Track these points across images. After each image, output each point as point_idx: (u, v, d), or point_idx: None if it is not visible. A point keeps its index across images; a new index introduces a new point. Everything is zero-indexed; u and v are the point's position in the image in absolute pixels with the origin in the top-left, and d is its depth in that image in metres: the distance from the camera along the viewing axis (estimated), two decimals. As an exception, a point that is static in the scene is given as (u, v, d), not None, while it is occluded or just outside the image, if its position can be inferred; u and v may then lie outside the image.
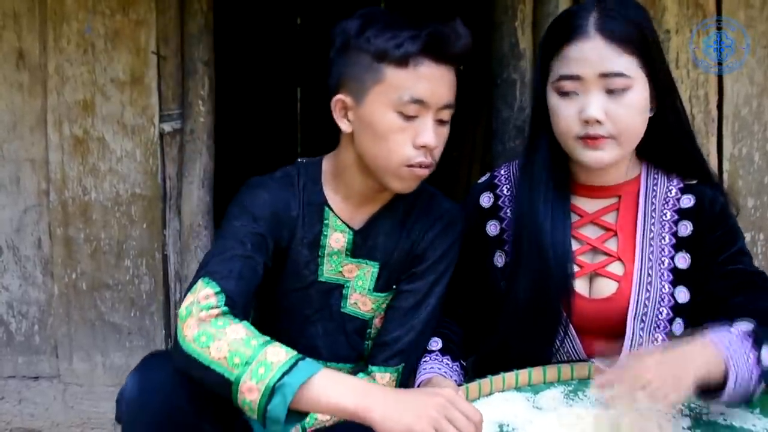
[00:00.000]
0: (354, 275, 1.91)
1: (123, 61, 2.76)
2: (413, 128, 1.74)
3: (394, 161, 1.75)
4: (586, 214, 1.85)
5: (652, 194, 1.84)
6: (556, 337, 1.81)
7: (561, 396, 1.72)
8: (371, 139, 1.76)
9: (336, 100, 1.80)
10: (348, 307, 1.92)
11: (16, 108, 2.82)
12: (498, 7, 2.72)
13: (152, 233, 2.85)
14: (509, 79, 2.69)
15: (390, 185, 1.80)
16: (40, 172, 2.84)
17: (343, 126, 1.81)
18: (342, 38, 1.78)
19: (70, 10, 2.73)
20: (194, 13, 2.72)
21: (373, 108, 1.74)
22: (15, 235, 2.88)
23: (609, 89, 1.69)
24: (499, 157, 2.72)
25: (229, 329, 1.51)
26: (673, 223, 1.81)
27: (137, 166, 2.81)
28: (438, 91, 1.74)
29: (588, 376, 1.77)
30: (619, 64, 1.68)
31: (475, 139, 4.70)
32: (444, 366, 1.85)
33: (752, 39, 2.61)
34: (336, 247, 1.88)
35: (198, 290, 1.59)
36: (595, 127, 1.70)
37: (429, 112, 1.74)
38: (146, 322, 2.90)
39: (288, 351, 1.47)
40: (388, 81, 1.72)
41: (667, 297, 1.77)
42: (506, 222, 1.93)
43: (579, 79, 1.71)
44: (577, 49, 1.71)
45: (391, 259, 1.91)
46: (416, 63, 1.71)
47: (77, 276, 2.87)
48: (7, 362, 2.96)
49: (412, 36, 1.71)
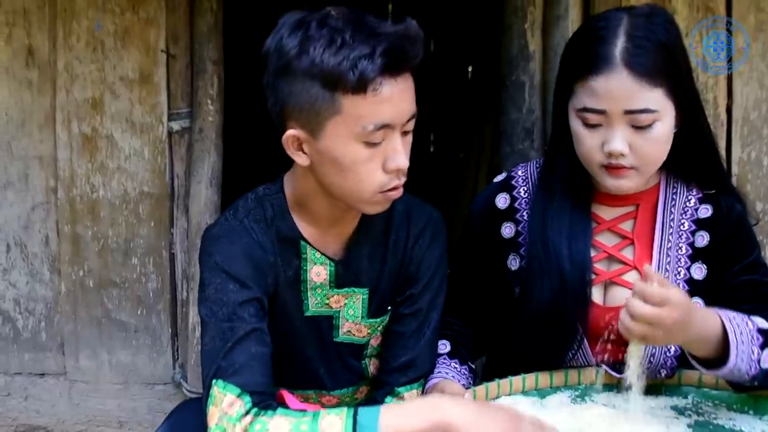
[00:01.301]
0: (342, 305, 1.79)
1: (132, 60, 2.76)
2: (381, 153, 1.57)
3: (366, 191, 1.60)
4: (604, 222, 1.83)
5: (671, 203, 1.81)
6: (569, 349, 1.80)
7: (568, 401, 1.72)
8: (336, 173, 1.59)
9: (287, 138, 1.60)
10: (341, 336, 1.82)
11: (25, 105, 2.82)
12: (507, 10, 2.71)
13: (160, 232, 2.86)
14: (518, 81, 2.69)
15: (363, 210, 1.68)
16: (49, 169, 2.85)
17: (299, 160, 1.62)
18: (279, 60, 1.54)
19: (80, 8, 2.74)
20: (204, 12, 2.73)
21: (334, 142, 1.55)
22: (23, 232, 2.89)
23: (635, 125, 1.64)
24: (507, 159, 2.72)
25: (271, 428, 1.44)
26: (691, 233, 1.79)
27: (145, 165, 2.82)
28: (402, 108, 1.57)
29: (595, 381, 1.77)
30: (646, 101, 1.62)
31: (483, 141, 4.70)
32: (452, 370, 1.84)
33: (762, 43, 2.60)
34: (318, 280, 1.75)
35: (218, 400, 1.50)
36: (619, 158, 1.66)
37: (396, 133, 1.57)
38: (153, 321, 2.91)
39: (338, 413, 1.42)
40: (346, 112, 1.52)
41: None
42: (522, 225, 1.89)
43: (604, 113, 1.65)
44: (603, 82, 1.62)
45: (381, 284, 1.80)
46: (375, 87, 1.50)
47: (84, 273, 2.88)
48: (14, 359, 2.97)
49: (365, 55, 1.48)
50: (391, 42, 1.50)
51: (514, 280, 1.88)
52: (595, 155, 1.69)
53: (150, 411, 2.95)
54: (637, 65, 1.60)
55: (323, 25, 1.51)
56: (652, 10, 1.70)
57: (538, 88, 2.68)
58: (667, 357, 1.73)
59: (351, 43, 1.48)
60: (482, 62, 5.07)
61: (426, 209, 1.84)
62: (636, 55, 1.61)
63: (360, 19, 1.53)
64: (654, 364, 1.74)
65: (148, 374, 2.94)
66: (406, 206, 1.79)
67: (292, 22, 1.55)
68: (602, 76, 1.62)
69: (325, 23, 1.52)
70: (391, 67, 1.50)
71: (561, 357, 1.80)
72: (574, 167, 1.79)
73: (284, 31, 1.55)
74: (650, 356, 1.73)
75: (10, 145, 2.84)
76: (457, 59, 5.99)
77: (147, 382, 2.95)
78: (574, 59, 1.72)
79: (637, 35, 1.63)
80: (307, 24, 1.53)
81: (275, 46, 1.55)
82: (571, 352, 1.80)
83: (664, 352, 1.73)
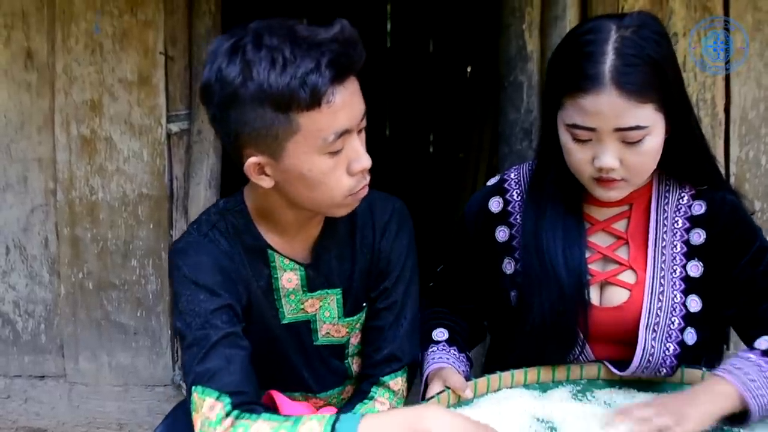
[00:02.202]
0: (317, 308, 1.79)
1: (131, 62, 2.76)
2: (344, 158, 1.56)
3: (337, 197, 1.60)
4: (597, 222, 1.82)
5: (664, 201, 1.81)
6: (571, 352, 1.80)
7: (569, 396, 1.72)
8: (305, 188, 1.58)
9: (248, 166, 1.57)
10: (320, 339, 1.82)
11: (23, 108, 2.82)
12: (505, 10, 2.72)
13: (159, 233, 2.86)
14: (516, 81, 2.69)
15: (334, 214, 1.68)
16: (48, 171, 2.85)
17: (264, 184, 1.60)
18: (223, 90, 1.49)
19: (78, 10, 2.74)
20: (202, 14, 2.73)
21: (297, 160, 1.53)
22: (22, 234, 2.89)
23: (625, 140, 1.62)
24: (505, 160, 2.72)
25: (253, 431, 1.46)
26: (685, 231, 1.78)
27: (144, 167, 2.82)
28: (355, 111, 1.55)
29: (597, 377, 1.77)
30: (636, 118, 1.59)
31: (482, 142, 4.70)
32: (452, 356, 1.84)
33: (760, 42, 2.60)
34: (290, 286, 1.75)
35: (198, 405, 1.51)
36: (610, 173, 1.65)
37: (353, 135, 1.57)
38: (152, 322, 2.91)
39: (319, 419, 1.43)
40: (305, 128, 1.50)
41: (678, 306, 1.75)
42: (516, 228, 1.88)
43: (593, 130, 1.62)
44: (592, 101, 1.59)
45: (353, 282, 1.80)
46: (328, 98, 1.48)
47: (84, 276, 2.88)
48: (14, 361, 2.97)
49: (311, 69, 1.45)
50: (334, 51, 1.47)
51: (510, 284, 1.88)
52: (585, 168, 1.68)
53: (150, 413, 2.95)
54: (627, 84, 1.57)
55: (259, 46, 1.47)
56: (642, 22, 1.65)
57: (536, 88, 2.68)
58: (666, 356, 1.74)
59: (293, 59, 1.45)
60: (481, 63, 5.07)
61: (388, 202, 1.84)
62: (625, 73, 1.58)
63: (293, 32, 1.50)
64: (653, 363, 1.74)
65: (148, 376, 2.95)
66: (368, 203, 1.77)
67: (225, 49, 1.51)
68: (591, 94, 1.59)
69: (260, 43, 1.48)
70: (339, 75, 1.48)
71: (563, 360, 1.81)
72: (564, 173, 1.77)
73: (220, 60, 1.50)
74: (650, 355, 1.73)
75: (9, 147, 2.84)
76: (455, 60, 6.00)
77: (147, 384, 2.95)
78: (562, 73, 1.68)
79: (627, 52, 1.59)
80: (242, 48, 1.49)
81: (216, 77, 1.51)
82: (572, 355, 1.80)
83: (663, 351, 1.74)
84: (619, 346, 1.78)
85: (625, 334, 1.76)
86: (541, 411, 1.66)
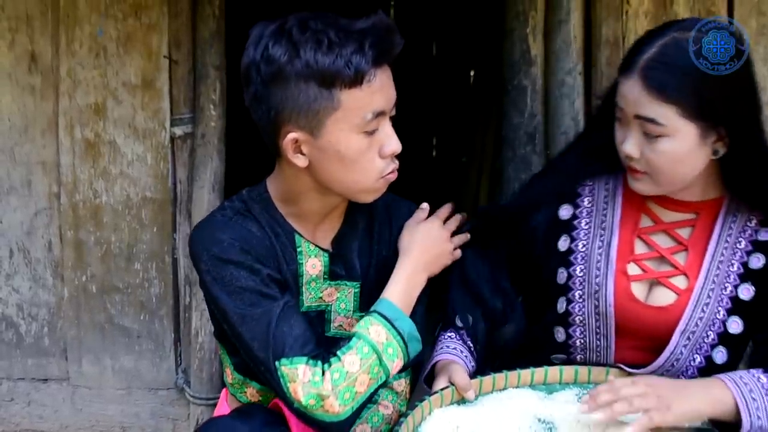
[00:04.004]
0: (335, 298, 1.84)
1: (135, 65, 2.76)
2: (377, 141, 1.66)
3: (370, 179, 1.69)
4: (661, 222, 1.83)
5: (732, 220, 1.80)
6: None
7: (575, 398, 1.72)
8: (340, 167, 1.66)
9: (287, 142, 1.64)
10: (332, 330, 1.85)
11: (27, 111, 2.82)
12: (509, 14, 2.71)
13: (162, 237, 2.86)
14: (520, 85, 2.69)
15: (362, 200, 1.75)
16: (51, 175, 2.85)
17: (298, 162, 1.67)
18: (270, 68, 1.59)
19: (82, 14, 2.74)
20: (206, 17, 2.73)
21: (337, 137, 1.63)
22: (26, 237, 2.89)
23: (645, 132, 1.68)
24: (509, 164, 2.72)
25: (347, 368, 1.61)
26: (746, 253, 1.78)
27: (148, 170, 2.82)
28: (390, 94, 1.67)
29: (605, 381, 1.77)
30: (652, 111, 1.66)
31: (485, 146, 4.70)
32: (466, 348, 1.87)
33: (764, 47, 2.60)
34: (313, 273, 1.80)
35: (293, 376, 1.60)
36: (632, 161, 1.73)
37: (386, 119, 1.67)
38: (156, 326, 2.91)
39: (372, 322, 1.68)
40: (345, 105, 1.60)
41: (718, 323, 1.75)
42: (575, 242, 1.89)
43: (622, 111, 1.72)
44: (623, 84, 1.71)
45: (370, 277, 1.86)
46: (369, 78, 1.59)
47: (87, 279, 2.88)
48: (17, 364, 2.97)
49: (355, 50, 1.57)
50: (375, 35, 1.59)
51: (558, 292, 1.88)
52: (620, 149, 1.75)
53: (153, 416, 2.95)
54: (649, 78, 1.65)
55: (305, 29, 1.58)
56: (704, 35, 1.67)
57: (540, 92, 2.68)
58: (691, 366, 1.74)
59: (338, 41, 1.56)
60: (484, 66, 5.07)
61: (405, 204, 1.93)
62: (652, 68, 1.65)
63: (335, 20, 1.61)
64: (676, 368, 1.74)
65: (151, 379, 2.94)
66: (385, 203, 1.87)
67: (270, 32, 1.61)
68: (624, 77, 1.70)
69: (306, 27, 1.59)
70: (380, 57, 1.59)
71: None
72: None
73: (266, 40, 1.61)
74: (675, 360, 1.74)
75: (12, 150, 2.84)
76: (459, 63, 5.99)
77: (150, 387, 2.95)
78: (624, 57, 1.78)
79: (666, 52, 1.66)
80: (288, 31, 1.59)
81: (261, 57, 1.61)
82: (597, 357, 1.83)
83: (689, 360, 1.73)
84: (645, 344, 1.78)
85: (656, 335, 1.77)
86: (543, 412, 1.67)
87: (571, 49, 2.63)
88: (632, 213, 1.85)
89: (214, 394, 2.75)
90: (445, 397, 1.68)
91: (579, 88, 2.64)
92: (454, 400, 1.70)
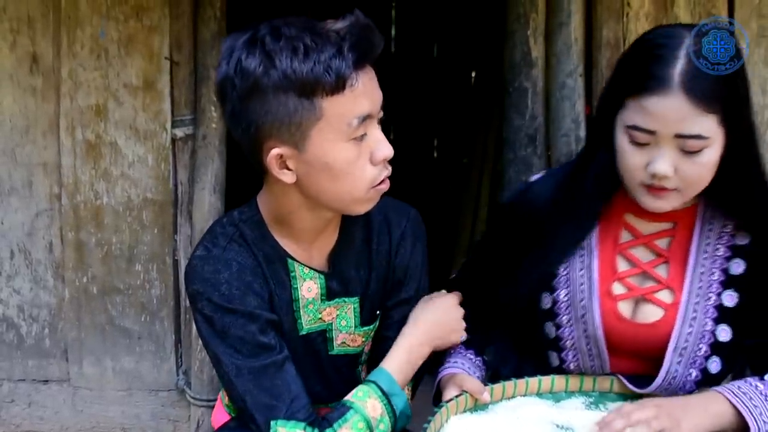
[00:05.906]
0: (334, 317, 1.77)
1: (136, 67, 2.77)
2: (366, 147, 1.56)
3: (362, 189, 1.59)
4: (640, 236, 1.78)
5: (708, 227, 1.75)
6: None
7: (582, 407, 1.73)
8: (330, 180, 1.56)
9: (271, 158, 1.54)
10: (336, 348, 1.81)
11: (29, 112, 2.83)
12: (510, 16, 2.72)
13: (163, 238, 2.86)
14: (521, 87, 2.69)
15: (355, 211, 1.65)
16: (53, 176, 2.86)
17: (285, 178, 1.57)
18: (245, 82, 1.49)
19: (84, 15, 2.74)
20: (207, 19, 2.73)
21: (323, 148, 1.53)
22: (27, 238, 2.89)
23: (683, 149, 1.58)
24: (510, 166, 2.72)
25: None
26: (725, 259, 1.74)
27: (149, 171, 2.82)
28: (375, 96, 1.56)
29: (609, 390, 1.78)
30: (699, 126, 1.55)
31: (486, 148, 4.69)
32: (467, 361, 1.85)
33: (765, 49, 2.60)
34: (310, 296, 1.73)
35: None
36: (662, 180, 1.61)
37: (374, 122, 1.57)
38: (156, 327, 2.91)
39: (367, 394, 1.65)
40: (328, 114, 1.50)
41: (708, 334, 1.72)
42: None
43: (653, 133, 1.58)
44: (657, 103, 1.55)
45: (370, 290, 1.79)
46: (351, 82, 1.49)
47: (88, 280, 2.88)
48: (18, 365, 2.97)
49: (334, 54, 1.46)
50: (354, 36, 1.49)
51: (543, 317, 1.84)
52: (637, 174, 1.63)
53: (153, 417, 2.95)
54: (696, 90, 1.53)
55: (279, 37, 1.48)
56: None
57: (541, 94, 2.68)
58: (688, 380, 1.73)
59: (315, 46, 1.46)
60: (485, 68, 5.07)
61: (403, 209, 1.84)
62: (697, 77, 1.54)
63: (310, 24, 1.52)
64: (674, 385, 1.73)
65: (152, 381, 2.95)
66: (383, 211, 1.78)
67: (242, 43, 1.51)
68: (657, 96, 1.55)
69: (279, 34, 1.49)
70: (361, 59, 1.50)
71: None
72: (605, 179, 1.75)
73: (239, 53, 1.50)
74: (672, 378, 1.72)
75: (14, 151, 2.85)
76: (460, 65, 6.00)
77: (150, 388, 2.95)
78: (628, 73, 1.64)
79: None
80: (260, 40, 1.49)
81: (235, 71, 1.50)
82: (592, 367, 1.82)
83: (685, 376, 1.73)
84: (639, 360, 1.77)
85: (649, 352, 1.75)
86: (559, 417, 1.66)
87: (572, 51, 2.63)
88: (610, 229, 1.80)
89: (215, 396, 2.75)
90: (459, 404, 1.68)
91: (580, 90, 2.64)
92: (468, 408, 1.70)
